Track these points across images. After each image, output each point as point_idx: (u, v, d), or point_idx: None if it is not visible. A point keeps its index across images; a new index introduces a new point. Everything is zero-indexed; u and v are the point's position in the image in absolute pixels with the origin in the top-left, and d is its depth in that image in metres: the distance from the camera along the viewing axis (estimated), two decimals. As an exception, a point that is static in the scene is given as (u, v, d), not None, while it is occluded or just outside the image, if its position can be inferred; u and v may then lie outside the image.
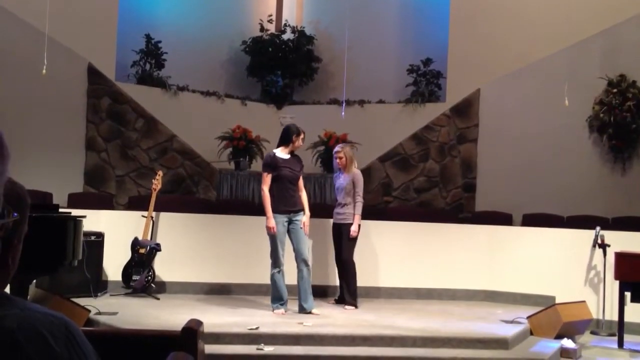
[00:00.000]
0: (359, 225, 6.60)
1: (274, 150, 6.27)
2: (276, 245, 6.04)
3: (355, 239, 6.64)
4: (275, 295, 6.12)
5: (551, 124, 9.43)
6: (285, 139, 6.23)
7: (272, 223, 6.02)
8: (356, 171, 6.77)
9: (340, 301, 6.71)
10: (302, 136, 6.24)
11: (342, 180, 6.73)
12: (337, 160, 6.74)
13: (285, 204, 6.09)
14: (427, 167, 10.33)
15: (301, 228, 6.12)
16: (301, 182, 6.30)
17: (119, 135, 9.50)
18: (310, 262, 6.20)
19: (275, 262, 6.07)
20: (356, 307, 6.55)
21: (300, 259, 6.10)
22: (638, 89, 9.16)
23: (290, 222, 6.13)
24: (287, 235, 6.14)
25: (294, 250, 6.14)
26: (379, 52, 11.21)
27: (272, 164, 6.13)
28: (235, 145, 9.63)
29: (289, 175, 6.14)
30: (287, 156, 6.21)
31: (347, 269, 6.67)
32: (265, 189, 6.11)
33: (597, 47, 9.42)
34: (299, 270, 6.12)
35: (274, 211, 6.05)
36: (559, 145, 9.46)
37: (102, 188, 9.31)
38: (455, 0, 10.45)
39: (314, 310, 6.14)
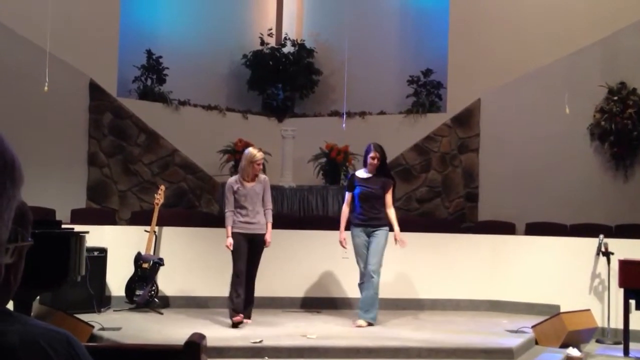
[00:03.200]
0: None
1: (356, 171, 6.71)
2: (356, 258, 6.41)
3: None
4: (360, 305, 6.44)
5: (552, 132, 9.43)
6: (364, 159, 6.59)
7: (340, 237, 6.48)
8: (266, 177, 6.49)
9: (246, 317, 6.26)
10: (371, 154, 6.43)
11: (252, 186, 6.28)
12: (258, 167, 6.30)
13: (359, 219, 6.41)
14: (429, 178, 10.33)
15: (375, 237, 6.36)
16: (388, 200, 6.45)
17: (121, 151, 9.53)
18: (376, 274, 6.30)
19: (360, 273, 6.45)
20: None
21: (367, 270, 6.35)
22: (638, 96, 9.16)
23: (369, 235, 6.39)
24: (366, 249, 6.41)
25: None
26: (379, 63, 11.24)
27: (350, 184, 6.61)
28: (237, 158, 9.65)
29: (364, 192, 6.40)
30: (368, 175, 6.47)
31: (254, 282, 6.28)
32: (343, 206, 6.64)
33: (597, 55, 9.44)
34: (366, 281, 6.37)
35: (353, 225, 6.44)
36: (560, 154, 9.45)
37: (105, 203, 9.32)
38: (455, 10, 10.49)
39: (359, 321, 6.26)
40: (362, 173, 6.55)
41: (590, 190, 9.24)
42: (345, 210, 6.55)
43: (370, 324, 6.22)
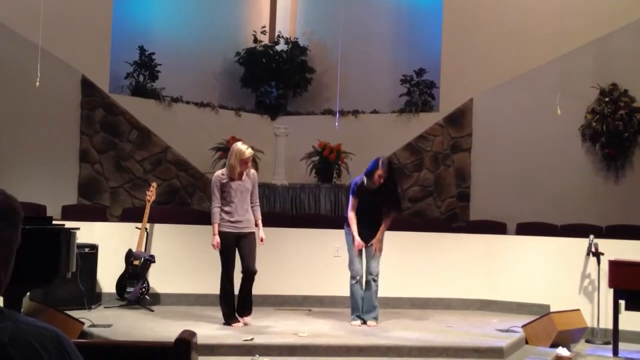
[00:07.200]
0: None
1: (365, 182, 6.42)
2: (352, 258, 6.35)
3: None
4: (353, 306, 6.37)
5: (544, 133, 9.47)
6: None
7: (356, 243, 6.32)
8: (255, 172, 6.21)
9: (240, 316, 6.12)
10: (378, 172, 6.23)
11: (242, 182, 6.03)
12: (247, 164, 6.02)
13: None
14: (422, 177, 10.35)
15: (370, 245, 6.39)
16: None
17: (113, 147, 9.49)
18: (377, 280, 6.40)
19: (352, 273, 6.36)
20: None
21: (367, 273, 6.39)
22: (630, 98, 9.22)
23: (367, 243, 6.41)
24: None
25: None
26: (373, 62, 11.25)
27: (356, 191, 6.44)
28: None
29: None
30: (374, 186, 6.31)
31: (253, 280, 6.08)
32: (350, 213, 6.42)
33: (589, 57, 9.48)
34: (366, 282, 6.40)
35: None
36: (552, 154, 9.49)
37: (96, 200, 9.29)
38: (448, 10, 10.51)
39: (369, 322, 6.30)
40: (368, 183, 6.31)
41: (581, 191, 9.28)
42: (352, 216, 6.36)
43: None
